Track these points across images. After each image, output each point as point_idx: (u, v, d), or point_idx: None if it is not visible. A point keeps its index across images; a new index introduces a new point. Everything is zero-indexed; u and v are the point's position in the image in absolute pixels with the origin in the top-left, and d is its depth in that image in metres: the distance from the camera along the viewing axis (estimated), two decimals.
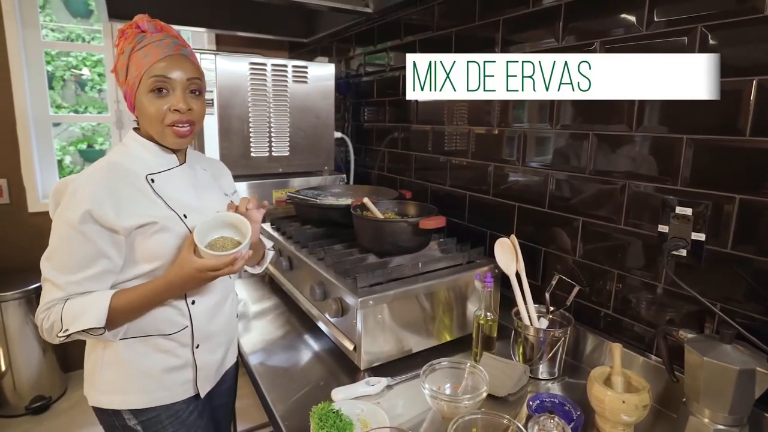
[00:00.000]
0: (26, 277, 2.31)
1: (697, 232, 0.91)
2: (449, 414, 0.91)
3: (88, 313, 0.84)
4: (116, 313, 0.86)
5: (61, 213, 0.85)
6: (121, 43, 0.92)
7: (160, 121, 0.90)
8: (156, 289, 0.89)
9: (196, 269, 0.87)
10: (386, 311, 1.10)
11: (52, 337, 0.87)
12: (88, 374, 1.00)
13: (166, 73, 0.89)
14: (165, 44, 0.91)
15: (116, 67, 0.93)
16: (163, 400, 0.98)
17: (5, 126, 2.32)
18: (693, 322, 0.95)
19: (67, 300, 0.86)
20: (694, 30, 0.89)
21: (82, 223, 0.83)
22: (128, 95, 0.93)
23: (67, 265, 0.86)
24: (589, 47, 1.09)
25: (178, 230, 0.93)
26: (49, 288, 0.86)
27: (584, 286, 1.15)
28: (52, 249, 0.87)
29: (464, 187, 1.54)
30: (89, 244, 0.85)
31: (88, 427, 2.18)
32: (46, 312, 0.86)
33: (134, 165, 0.93)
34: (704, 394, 0.78)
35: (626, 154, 1.04)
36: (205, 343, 1.02)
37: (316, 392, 1.04)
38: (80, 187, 0.85)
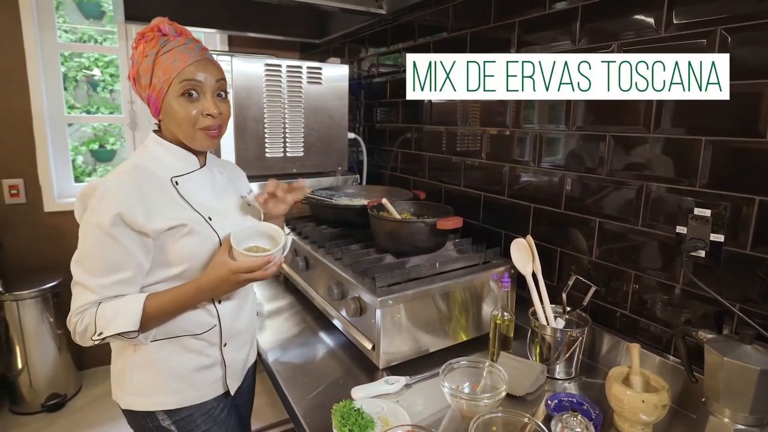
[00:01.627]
0: (42, 276, 2.35)
1: (716, 233, 0.91)
2: (468, 413, 0.92)
3: (122, 316, 0.85)
4: (149, 317, 0.88)
5: (90, 216, 0.85)
6: (143, 47, 0.92)
7: (191, 124, 0.92)
8: (188, 293, 0.91)
9: (231, 271, 0.89)
10: (404, 311, 1.11)
11: (85, 341, 0.87)
12: (117, 377, 1.00)
13: (197, 77, 0.91)
14: (191, 48, 0.92)
15: (138, 71, 0.92)
16: (195, 399, 1.00)
17: (22, 127, 2.35)
18: (710, 323, 0.96)
19: (100, 303, 0.86)
20: (714, 32, 0.90)
21: (112, 226, 0.84)
22: (153, 99, 0.92)
23: (98, 268, 0.86)
24: (606, 49, 1.09)
25: (204, 233, 0.94)
26: (81, 291, 0.87)
27: (600, 287, 1.16)
28: (83, 253, 0.87)
29: (478, 187, 1.55)
30: (120, 247, 0.85)
31: (103, 424, 2.21)
32: (79, 316, 0.86)
33: (158, 168, 0.94)
34: (724, 394, 0.79)
35: (643, 156, 1.05)
36: (232, 341, 1.04)
37: (334, 390, 1.06)
38: (109, 191, 0.86)
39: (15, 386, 2.26)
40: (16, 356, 2.22)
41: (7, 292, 2.17)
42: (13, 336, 2.21)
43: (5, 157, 2.34)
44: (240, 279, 0.90)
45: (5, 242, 2.39)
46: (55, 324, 2.30)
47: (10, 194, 2.36)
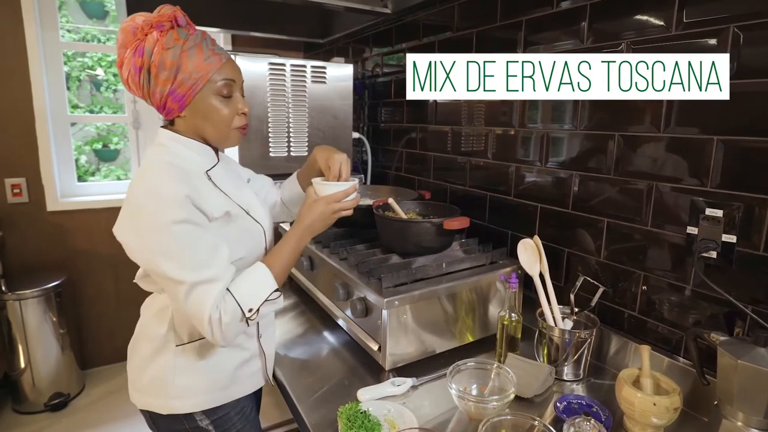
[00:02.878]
0: (45, 275, 2.34)
1: (728, 233, 0.90)
2: (476, 415, 0.91)
3: (260, 284, 0.87)
4: (278, 276, 0.91)
5: (159, 218, 0.80)
6: (158, 37, 0.84)
7: (228, 124, 0.91)
8: (295, 239, 0.94)
9: (326, 202, 0.95)
10: (411, 312, 1.10)
11: (235, 328, 0.85)
12: (152, 385, 0.96)
13: (233, 76, 0.90)
14: (213, 44, 0.90)
15: (152, 63, 0.84)
16: (236, 395, 1.00)
17: (25, 126, 2.35)
18: (721, 324, 0.95)
19: (229, 289, 0.85)
20: (726, 30, 0.89)
21: (190, 213, 0.81)
22: (178, 96, 0.86)
23: (205, 258, 0.83)
24: (615, 48, 1.08)
25: (250, 224, 0.96)
26: (206, 289, 0.82)
27: (608, 288, 1.15)
28: (180, 255, 0.81)
29: (484, 187, 1.54)
30: (206, 230, 0.84)
31: (107, 424, 2.21)
32: (218, 309, 0.82)
33: (185, 163, 0.90)
34: (738, 397, 0.78)
35: (653, 155, 1.03)
36: (266, 331, 1.06)
37: (339, 391, 1.05)
38: (163, 185, 0.82)
39: (18, 385, 2.25)
40: (19, 355, 2.22)
41: (10, 292, 2.17)
42: (15, 335, 2.20)
43: (8, 156, 2.33)
44: (335, 209, 0.95)
45: (8, 241, 2.38)
46: (57, 323, 2.30)
47: (12, 193, 2.36)
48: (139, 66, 0.85)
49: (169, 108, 0.89)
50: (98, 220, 2.57)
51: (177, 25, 0.87)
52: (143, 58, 0.84)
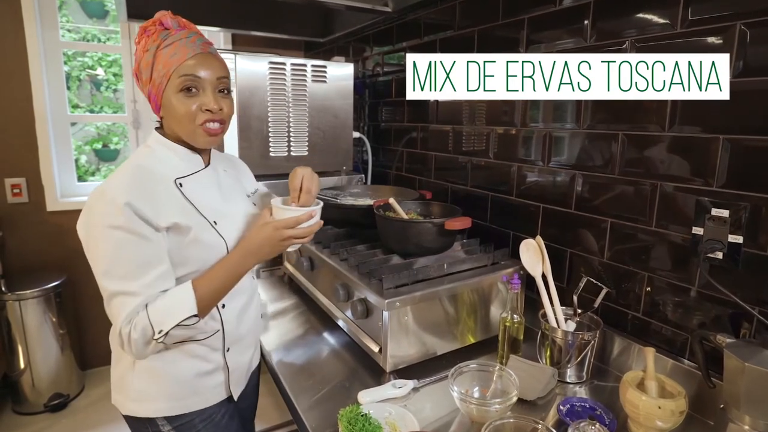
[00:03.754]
0: (45, 275, 2.34)
1: (734, 234, 0.89)
2: (479, 418, 0.90)
3: (176, 305, 0.83)
4: (203, 297, 0.85)
5: (102, 220, 0.80)
6: (144, 41, 0.87)
7: (191, 120, 0.87)
8: (234, 262, 0.90)
9: (275, 227, 0.89)
10: (412, 313, 1.09)
11: (145, 347, 0.82)
12: (117, 383, 0.98)
13: (196, 71, 0.86)
14: (192, 41, 0.88)
15: (139, 67, 0.88)
16: (196, 405, 0.97)
17: (24, 126, 2.34)
18: (726, 326, 0.94)
19: (147, 305, 0.82)
20: (732, 27, 0.87)
21: (128, 220, 0.80)
22: (153, 95, 0.88)
23: (132, 269, 0.81)
24: (619, 47, 1.07)
25: (211, 239, 0.91)
26: (123, 300, 0.81)
27: (611, 289, 1.13)
28: (108, 261, 0.81)
29: (486, 187, 1.52)
30: (144, 240, 0.82)
31: (107, 425, 2.20)
32: (130, 324, 0.81)
33: (161, 168, 0.90)
34: (745, 400, 0.76)
35: (658, 155, 1.02)
36: (235, 346, 1.01)
37: (339, 393, 1.04)
38: (112, 189, 0.82)
39: (17, 386, 2.24)
40: (19, 356, 2.21)
41: (10, 292, 2.16)
42: (15, 336, 2.19)
43: (8, 156, 2.33)
44: (284, 236, 0.90)
45: (8, 242, 2.37)
46: (57, 324, 2.29)
47: (12, 193, 2.35)
48: (134, 71, 0.91)
49: (153, 109, 0.91)
50: None
51: (165, 28, 0.88)
52: (136, 63, 0.90)
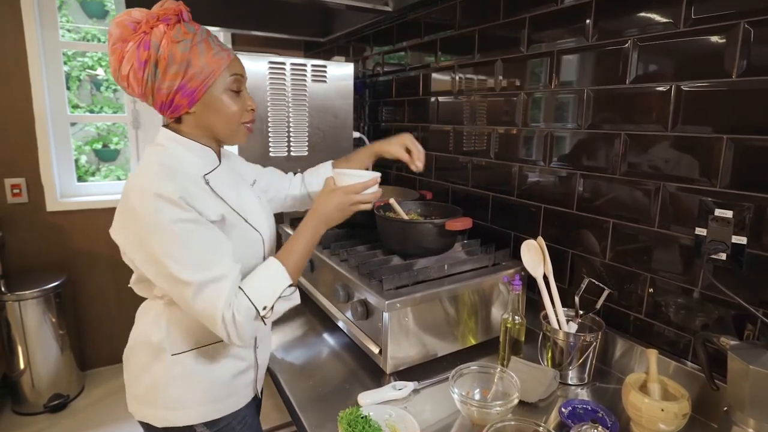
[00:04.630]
0: (44, 276, 2.33)
1: (738, 235, 0.88)
2: (479, 420, 0.89)
3: (272, 279, 0.84)
4: (290, 268, 0.87)
5: (156, 218, 0.76)
6: (167, 31, 0.80)
7: (238, 120, 0.89)
8: (307, 232, 0.91)
9: (344, 192, 0.92)
10: (412, 314, 1.08)
11: (251, 328, 0.81)
12: (146, 396, 0.93)
13: (242, 71, 0.88)
14: (221, 42, 0.88)
15: (166, 57, 0.80)
16: (233, 407, 0.97)
17: (24, 126, 2.34)
18: (729, 327, 0.93)
19: (241, 287, 0.81)
20: (736, 26, 0.86)
21: (185, 211, 0.78)
22: (188, 91, 0.82)
23: (210, 256, 0.79)
24: (621, 45, 1.06)
25: (248, 233, 0.92)
26: (215, 287, 0.78)
27: (613, 290, 1.12)
28: (180, 255, 0.77)
29: (487, 187, 1.51)
30: (207, 227, 0.81)
31: (107, 425, 2.20)
32: (231, 308, 0.78)
33: (183, 166, 0.86)
34: (749, 403, 0.76)
35: (660, 155, 1.01)
36: (263, 342, 1.02)
37: (339, 394, 1.03)
38: (155, 186, 0.77)
39: (17, 386, 2.24)
40: (18, 356, 2.21)
41: (9, 292, 2.16)
42: (15, 336, 2.19)
43: (7, 156, 2.32)
44: (354, 200, 0.92)
45: (7, 242, 2.37)
46: (57, 324, 2.28)
47: (12, 193, 2.35)
48: (144, 60, 0.80)
49: (176, 104, 0.84)
50: (98, 221, 2.55)
51: (184, 21, 0.84)
52: (149, 51, 0.80)
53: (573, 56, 1.19)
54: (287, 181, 1.23)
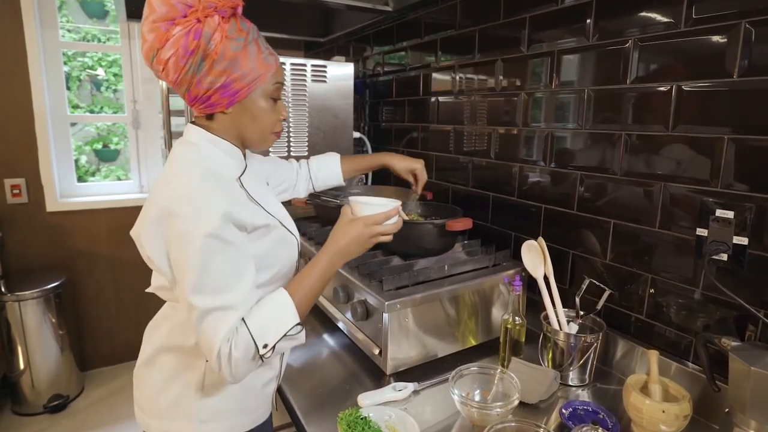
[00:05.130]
0: (44, 276, 2.33)
1: (739, 235, 0.88)
2: (479, 421, 0.89)
3: (278, 315, 0.77)
4: (300, 305, 0.80)
5: (190, 228, 0.71)
6: (226, 26, 0.75)
7: (271, 128, 0.86)
8: (322, 265, 0.84)
9: (365, 224, 0.85)
10: (412, 315, 1.08)
11: (247, 366, 0.75)
12: (171, 410, 0.86)
13: (282, 80, 0.85)
14: (265, 43, 0.83)
15: (217, 53, 0.74)
16: (263, 417, 0.94)
17: (24, 126, 2.34)
18: (730, 328, 0.92)
19: (244, 319, 0.75)
20: (737, 26, 0.86)
21: (224, 228, 0.73)
22: (231, 91, 0.78)
23: (224, 282, 0.73)
24: (622, 45, 1.06)
25: (287, 236, 0.88)
26: (219, 317, 0.72)
27: (614, 290, 1.12)
28: (198, 274, 0.72)
29: (487, 188, 1.51)
30: (236, 250, 0.75)
31: (107, 425, 2.19)
32: (229, 342, 0.72)
33: (220, 168, 0.81)
34: (751, 405, 0.75)
35: (662, 155, 1.01)
36: (287, 351, 0.99)
37: (339, 395, 1.03)
38: (200, 193, 0.74)
39: (17, 387, 2.24)
40: (18, 357, 2.21)
41: (9, 293, 2.16)
42: (15, 336, 2.19)
43: (7, 156, 2.32)
44: (374, 232, 0.86)
45: (7, 242, 2.37)
46: (57, 324, 2.28)
47: (12, 194, 2.35)
48: (191, 49, 0.73)
49: (214, 102, 0.79)
50: (98, 221, 2.55)
51: (235, 16, 0.78)
52: (199, 41, 0.73)
53: (573, 56, 1.18)
54: (293, 171, 1.20)
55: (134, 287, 2.62)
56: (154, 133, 2.72)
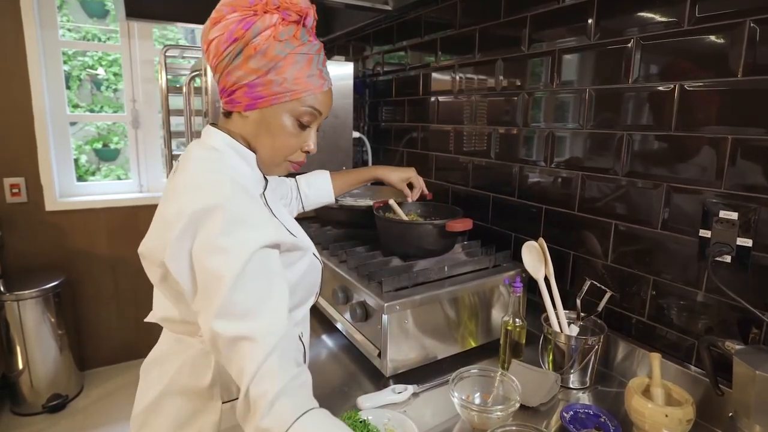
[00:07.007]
0: (43, 276, 2.33)
1: (743, 237, 0.86)
2: (480, 425, 0.88)
3: None
4: None
5: (232, 245, 0.64)
6: (280, 27, 0.70)
7: (288, 154, 0.78)
8: None
9: None
10: (412, 316, 1.07)
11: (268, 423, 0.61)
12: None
13: (322, 109, 0.76)
14: (324, 65, 0.77)
15: (256, 48, 0.70)
16: None
17: (23, 125, 2.33)
18: (733, 331, 0.91)
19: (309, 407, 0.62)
20: (742, 25, 0.85)
21: (267, 247, 0.67)
22: (257, 95, 0.72)
23: (254, 304, 0.64)
24: (624, 44, 1.05)
25: (310, 259, 0.81)
26: (251, 348, 0.61)
27: (616, 292, 1.11)
28: (226, 297, 0.62)
29: (487, 188, 1.50)
30: (269, 270, 0.67)
31: (106, 425, 2.19)
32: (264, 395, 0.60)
33: (245, 181, 0.75)
34: (755, 409, 0.74)
35: (664, 155, 1.00)
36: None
37: (338, 398, 1.01)
38: (239, 206, 0.67)
39: (16, 387, 2.23)
40: (17, 356, 2.20)
41: (8, 292, 2.15)
42: (14, 336, 2.18)
43: (6, 156, 2.31)
44: None
45: (6, 242, 2.36)
46: (56, 324, 2.28)
47: (11, 193, 2.34)
48: (235, 37, 0.70)
49: (235, 98, 0.74)
50: (98, 220, 2.55)
51: (304, 25, 0.74)
52: (246, 32, 0.69)
53: (574, 55, 1.17)
54: (287, 187, 1.15)
55: (134, 287, 2.61)
56: (154, 132, 2.72)
